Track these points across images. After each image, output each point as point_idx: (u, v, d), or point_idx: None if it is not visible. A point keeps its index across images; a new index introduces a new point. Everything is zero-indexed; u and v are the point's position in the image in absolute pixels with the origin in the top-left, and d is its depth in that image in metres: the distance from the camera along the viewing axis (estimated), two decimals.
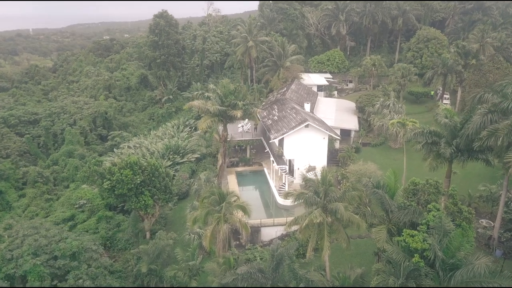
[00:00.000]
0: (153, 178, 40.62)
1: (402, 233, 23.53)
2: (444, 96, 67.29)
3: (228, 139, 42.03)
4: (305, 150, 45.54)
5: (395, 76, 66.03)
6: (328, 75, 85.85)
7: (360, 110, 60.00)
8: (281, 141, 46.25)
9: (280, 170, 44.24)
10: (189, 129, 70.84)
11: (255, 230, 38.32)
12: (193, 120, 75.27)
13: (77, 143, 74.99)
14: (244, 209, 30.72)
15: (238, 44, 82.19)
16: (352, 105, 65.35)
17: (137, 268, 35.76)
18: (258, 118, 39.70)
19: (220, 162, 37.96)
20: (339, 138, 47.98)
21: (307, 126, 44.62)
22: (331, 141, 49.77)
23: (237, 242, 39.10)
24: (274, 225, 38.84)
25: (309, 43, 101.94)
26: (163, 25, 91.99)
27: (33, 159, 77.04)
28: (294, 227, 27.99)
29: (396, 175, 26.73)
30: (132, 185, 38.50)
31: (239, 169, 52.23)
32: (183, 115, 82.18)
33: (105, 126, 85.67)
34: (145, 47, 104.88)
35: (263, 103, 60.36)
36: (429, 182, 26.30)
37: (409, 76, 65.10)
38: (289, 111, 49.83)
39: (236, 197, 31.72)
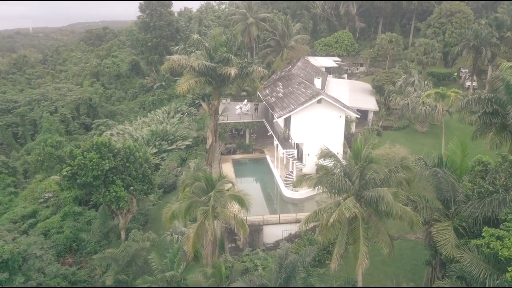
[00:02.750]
0: (127, 164, 32.33)
1: (482, 234, 15.23)
2: (470, 77, 58.68)
3: (222, 115, 33.59)
4: (317, 132, 37.21)
5: (416, 53, 57.57)
6: (336, 59, 77.41)
7: (378, 90, 51.63)
8: (287, 121, 37.93)
9: (287, 155, 35.94)
10: (181, 115, 62.47)
11: (256, 230, 30.04)
12: (187, 107, 67.08)
13: (56, 132, 66.59)
14: (241, 201, 22.45)
15: (237, 22, 74.02)
16: (366, 86, 57.04)
17: (103, 279, 27.62)
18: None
19: (210, 140, 29.38)
20: (358, 115, 39.65)
21: (319, 101, 36.29)
22: (347, 123, 41.37)
23: (233, 245, 30.81)
24: (279, 223, 30.56)
25: (314, 27, 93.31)
26: (155, 4, 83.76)
27: (9, 150, 69.09)
28: (307, 225, 19.53)
29: (464, 148, 18.34)
30: (99, 172, 30.22)
31: (237, 156, 43.94)
32: (177, 103, 73.98)
33: (90, 114, 77.41)
34: (135, 29, 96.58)
35: (265, 83, 51.96)
36: (509, 159, 18.01)
37: (432, 53, 56.67)
38: (296, 86, 41.49)
39: (231, 184, 23.42)
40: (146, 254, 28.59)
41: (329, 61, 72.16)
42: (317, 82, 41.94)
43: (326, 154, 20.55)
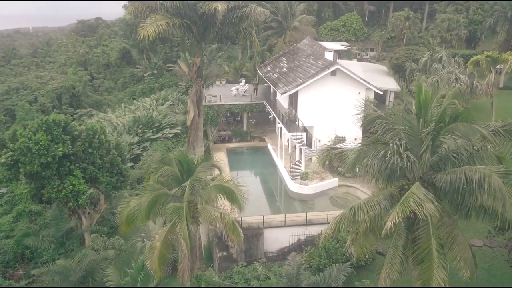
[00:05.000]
0: (89, 150, 25.23)
1: None
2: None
3: (212, 96, 26.15)
4: (330, 112, 30.18)
5: (438, 30, 50.40)
6: (344, 44, 70.22)
7: (397, 70, 44.43)
8: (293, 99, 30.88)
9: (293, 139, 28.82)
10: (171, 103, 55.33)
11: (254, 234, 22.90)
12: (180, 94, 59.97)
13: (31, 121, 59.47)
14: (231, 194, 15.31)
15: None
16: (382, 67, 49.86)
17: None
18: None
19: (191, 114, 21.62)
20: (381, 92, 32.49)
21: (334, 73, 29.20)
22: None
23: (224, 253, 23.62)
24: (285, 226, 23.41)
25: (319, 13, 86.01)
26: None
27: None
28: (338, 230, 12.20)
29: None
30: (50, 159, 23.13)
31: (232, 145, 36.85)
32: (168, 91, 66.95)
33: (73, 104, 70.38)
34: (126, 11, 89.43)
35: (265, 62, 44.86)
36: None
37: (457, 30, 49.49)
38: (304, 59, 34.39)
39: (217, 169, 16.31)
40: (110, 265, 21.73)
41: (337, 45, 64.93)
42: (329, 55, 34.72)
43: (338, 141, 13.44)
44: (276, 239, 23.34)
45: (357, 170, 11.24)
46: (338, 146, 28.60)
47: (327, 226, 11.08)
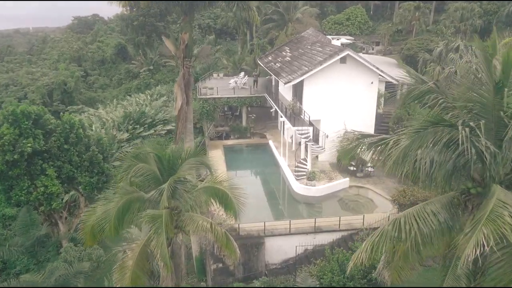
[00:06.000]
0: (65, 146, 22.04)
1: None
2: None
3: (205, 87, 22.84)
4: (339, 105, 26.94)
5: (450, 20, 47.17)
6: (349, 37, 66.94)
7: (409, 61, 41.21)
8: (298, 90, 27.69)
9: (298, 134, 25.59)
10: (166, 98, 52.11)
11: (254, 244, 19.67)
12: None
13: None
14: (225, 198, 12.10)
15: None
16: (390, 60, 46.74)
17: None
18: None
19: (179, 102, 18.01)
20: (396, 82, 29.23)
21: (344, 60, 25.96)
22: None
23: (220, 265, 20.37)
24: (290, 234, 20.16)
25: (322, 7, 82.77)
26: None
27: None
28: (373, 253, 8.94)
29: None
30: (17, 156, 19.96)
31: (230, 142, 33.65)
32: (166, 89, 63.75)
33: (65, 101, 67.20)
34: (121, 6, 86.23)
35: (266, 53, 41.65)
36: None
37: (471, 20, 46.25)
38: (309, 47, 31.19)
39: (206, 166, 13.11)
40: (84, 281, 18.75)
41: (341, 39, 61.75)
42: (337, 43, 31.51)
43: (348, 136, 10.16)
44: (280, 249, 20.10)
45: (370, 170, 7.89)
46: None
47: (358, 250, 7.77)
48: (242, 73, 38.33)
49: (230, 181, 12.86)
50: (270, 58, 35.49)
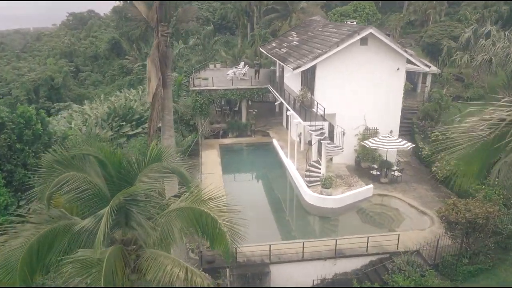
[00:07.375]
0: (18, 146, 17.44)
1: None
2: None
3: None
4: (359, 96, 22.32)
5: (473, 7, 42.58)
6: None
7: (430, 50, 36.54)
8: (309, 79, 23.07)
9: (310, 130, 20.94)
10: None
11: (257, 274, 14.99)
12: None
13: None
14: (212, 229, 7.48)
15: None
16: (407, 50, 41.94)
17: None
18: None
19: (153, 83, 12.84)
20: (427, 69, 24.56)
21: (364, 42, 21.33)
22: None
23: None
24: (302, 259, 15.48)
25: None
26: None
27: None
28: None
29: None
30: None
31: (227, 141, 29.02)
32: None
33: (52, 98, 62.70)
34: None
35: (269, 41, 37.02)
36: None
37: (496, 7, 41.67)
38: (320, 30, 26.57)
39: (179, 176, 8.50)
40: None
41: None
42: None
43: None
44: (289, 281, 15.44)
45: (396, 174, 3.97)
46: (369, 143, 20.96)
47: None
48: (242, 63, 33.77)
49: (222, 200, 8.21)
50: (274, 44, 30.95)
